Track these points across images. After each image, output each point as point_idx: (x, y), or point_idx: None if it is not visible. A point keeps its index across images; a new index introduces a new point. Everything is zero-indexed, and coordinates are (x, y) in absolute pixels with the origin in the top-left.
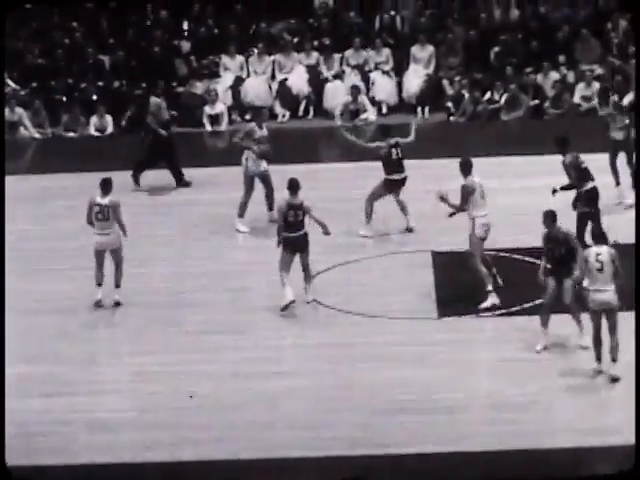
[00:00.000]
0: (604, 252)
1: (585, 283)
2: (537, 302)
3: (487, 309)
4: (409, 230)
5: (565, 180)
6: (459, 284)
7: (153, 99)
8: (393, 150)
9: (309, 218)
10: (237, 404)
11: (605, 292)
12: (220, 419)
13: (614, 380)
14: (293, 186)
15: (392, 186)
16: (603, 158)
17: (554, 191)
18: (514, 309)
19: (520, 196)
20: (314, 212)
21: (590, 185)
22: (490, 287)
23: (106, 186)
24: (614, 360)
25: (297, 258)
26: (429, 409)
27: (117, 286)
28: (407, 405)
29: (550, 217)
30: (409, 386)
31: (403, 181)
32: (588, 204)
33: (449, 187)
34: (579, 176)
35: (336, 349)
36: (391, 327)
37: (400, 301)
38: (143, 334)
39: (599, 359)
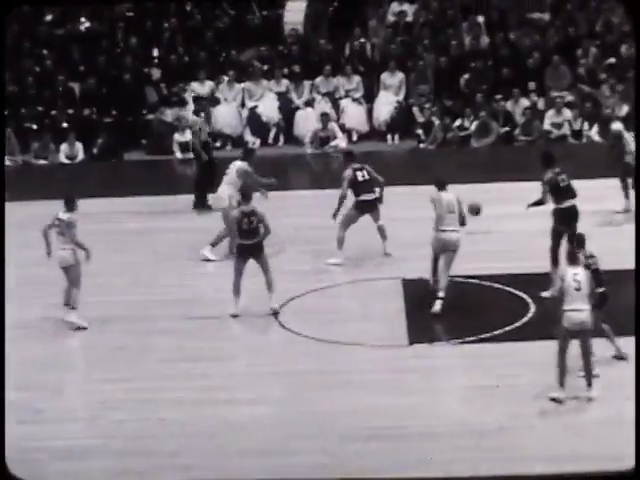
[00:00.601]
0: (581, 272)
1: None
2: (508, 329)
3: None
4: (385, 255)
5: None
6: (429, 311)
7: (193, 118)
8: (358, 173)
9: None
10: (205, 431)
11: (582, 312)
12: (188, 446)
13: (590, 400)
14: (245, 195)
15: (362, 207)
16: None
17: (528, 206)
18: (485, 336)
19: (490, 223)
20: (267, 220)
21: (568, 203)
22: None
23: (69, 203)
24: (590, 385)
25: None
26: (399, 436)
27: (70, 307)
28: (377, 432)
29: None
30: (380, 413)
31: (373, 202)
32: (563, 222)
33: (417, 214)
34: (556, 193)
35: (305, 376)
36: (361, 354)
37: (370, 328)
38: (111, 361)
39: (562, 385)
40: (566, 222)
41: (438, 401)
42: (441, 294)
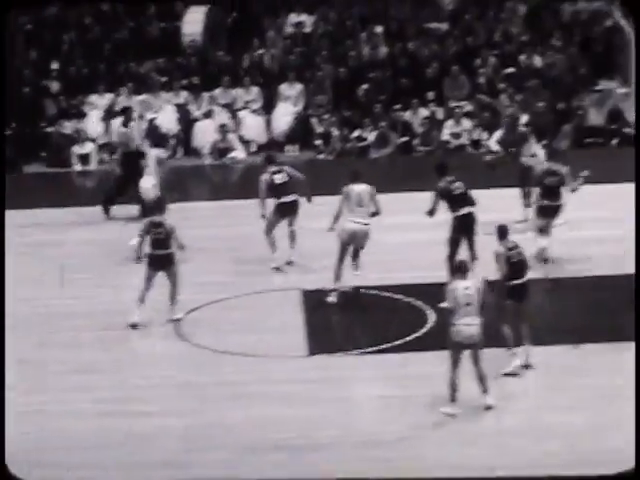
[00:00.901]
0: (471, 285)
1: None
2: (407, 339)
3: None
4: (288, 263)
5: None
6: (329, 322)
7: (122, 129)
8: (276, 176)
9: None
10: (107, 443)
11: (472, 326)
12: (90, 458)
13: (488, 408)
14: (158, 204)
15: (283, 210)
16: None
17: (426, 215)
18: (385, 346)
19: (388, 233)
20: (176, 233)
21: (464, 211)
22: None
23: None
24: (486, 391)
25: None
26: (301, 447)
27: None
28: (279, 443)
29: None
30: (281, 424)
31: (292, 204)
32: (458, 230)
33: (317, 224)
34: (451, 202)
35: (206, 388)
36: (262, 365)
37: (270, 339)
38: (10, 372)
39: (453, 400)
40: (462, 230)
41: (339, 412)
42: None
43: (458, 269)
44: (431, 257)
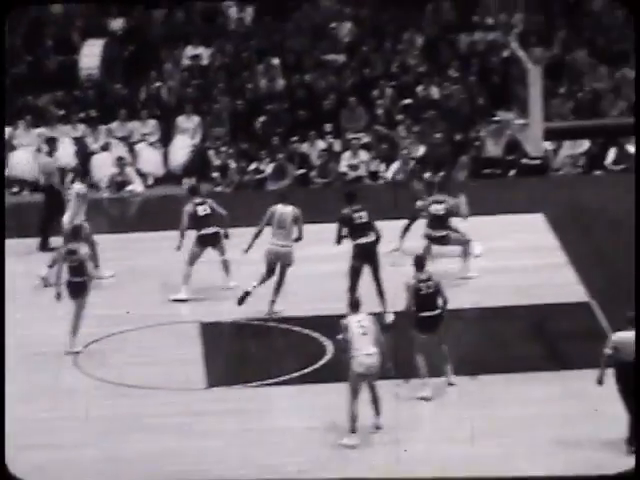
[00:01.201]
0: (364, 318)
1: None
2: (305, 371)
3: None
4: (229, 289)
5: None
6: (228, 354)
7: (46, 159)
8: (199, 207)
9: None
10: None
11: (371, 356)
12: None
13: (377, 428)
14: (74, 232)
15: (204, 241)
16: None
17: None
18: (283, 378)
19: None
20: (87, 262)
21: (364, 240)
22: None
23: None
24: (378, 413)
25: None
26: None
27: None
28: (178, 476)
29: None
30: (179, 457)
31: (214, 236)
32: (358, 258)
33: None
34: (352, 230)
35: (104, 420)
36: (160, 398)
37: (169, 372)
38: None
39: (353, 431)
40: (362, 258)
41: (238, 444)
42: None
43: (352, 305)
44: (329, 288)
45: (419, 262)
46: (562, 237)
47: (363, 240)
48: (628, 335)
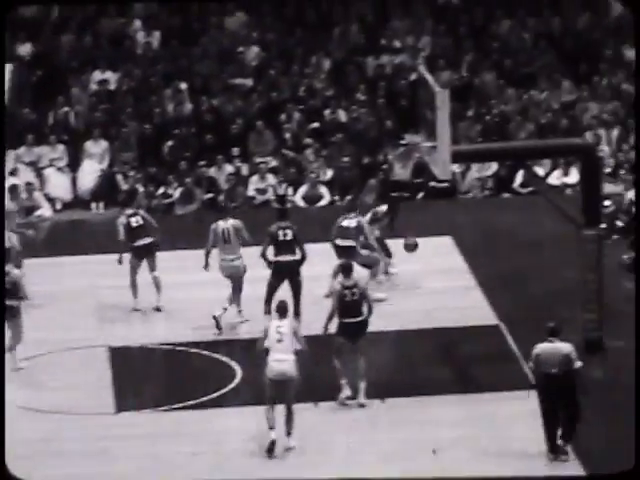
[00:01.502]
0: (285, 324)
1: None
2: (214, 395)
3: None
4: (158, 309)
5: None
6: (137, 378)
7: None
8: (132, 219)
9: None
10: None
11: (284, 362)
12: None
13: (289, 449)
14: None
15: (139, 253)
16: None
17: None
18: (192, 403)
19: (194, 290)
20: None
21: (283, 258)
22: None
23: None
24: (289, 433)
25: None
26: None
27: None
28: None
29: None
30: None
31: (148, 247)
32: (275, 276)
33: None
34: (276, 247)
35: (10, 445)
36: (69, 423)
37: (77, 396)
38: None
39: (272, 428)
40: (279, 276)
41: (146, 469)
42: (226, 305)
43: (277, 309)
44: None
45: (345, 269)
46: (470, 260)
47: (283, 258)
48: (549, 346)
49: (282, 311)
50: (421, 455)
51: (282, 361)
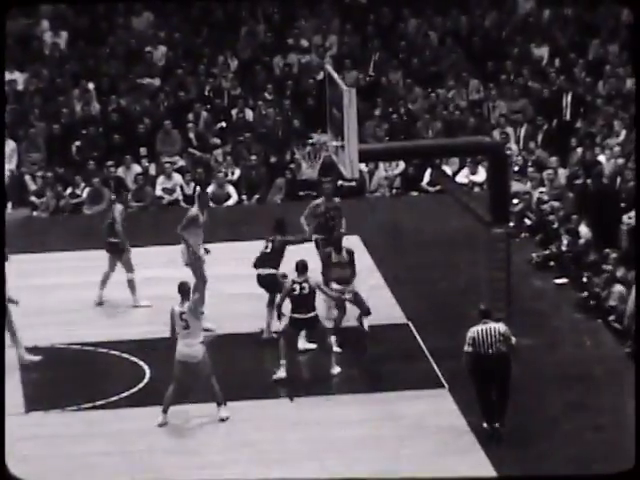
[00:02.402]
0: (186, 309)
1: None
2: (124, 395)
3: None
4: (99, 304)
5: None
6: (46, 379)
7: None
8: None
9: None
10: None
11: (192, 346)
12: None
13: (222, 420)
14: None
15: (110, 250)
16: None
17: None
18: (101, 402)
19: (111, 289)
20: None
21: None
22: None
23: None
24: (220, 404)
25: None
26: None
27: None
28: None
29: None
30: None
31: (115, 246)
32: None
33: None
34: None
35: None
36: None
37: None
38: None
39: (165, 411)
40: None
41: (55, 469)
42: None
43: (180, 290)
44: (152, 312)
45: (300, 266)
46: (378, 259)
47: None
48: (484, 327)
49: (184, 293)
50: (329, 454)
51: (190, 345)
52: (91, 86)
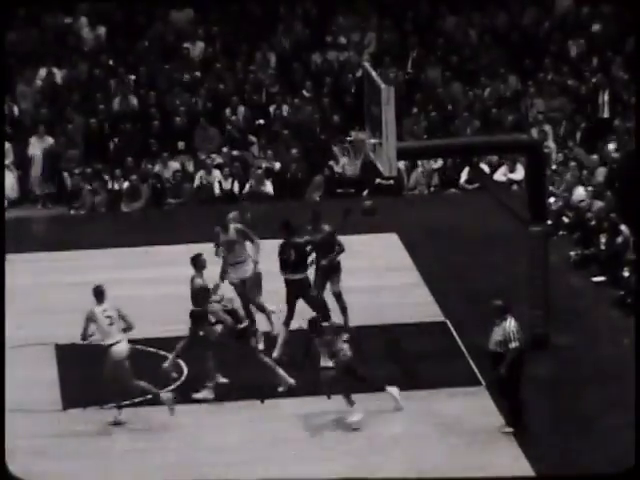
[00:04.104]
0: (109, 307)
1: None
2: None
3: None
4: None
5: None
6: (84, 376)
7: None
8: None
9: None
10: None
11: (121, 342)
12: None
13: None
14: None
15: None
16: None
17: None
18: (140, 399)
19: (140, 287)
20: None
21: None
22: None
23: None
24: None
25: None
26: None
27: None
28: None
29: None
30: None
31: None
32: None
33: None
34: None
35: None
36: (16, 420)
37: (25, 394)
38: None
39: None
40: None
41: (96, 466)
42: None
43: (95, 293)
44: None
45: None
46: (416, 256)
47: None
48: (497, 326)
49: (99, 295)
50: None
51: (120, 342)
52: (129, 81)
